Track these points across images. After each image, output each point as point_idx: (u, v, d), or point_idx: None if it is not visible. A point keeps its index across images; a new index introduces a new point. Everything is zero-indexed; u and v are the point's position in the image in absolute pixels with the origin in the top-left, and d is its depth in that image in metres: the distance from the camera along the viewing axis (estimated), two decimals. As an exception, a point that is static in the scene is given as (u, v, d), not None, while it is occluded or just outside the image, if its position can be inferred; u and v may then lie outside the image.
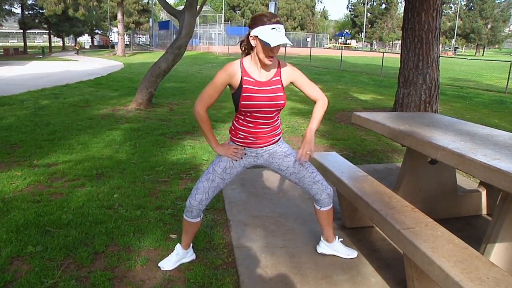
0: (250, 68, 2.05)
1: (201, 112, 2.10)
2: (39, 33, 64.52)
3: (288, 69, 2.12)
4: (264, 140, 2.15)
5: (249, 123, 2.11)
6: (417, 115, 3.18)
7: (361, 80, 14.61)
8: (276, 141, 2.22)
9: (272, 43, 1.87)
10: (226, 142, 2.24)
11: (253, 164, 2.26)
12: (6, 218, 2.88)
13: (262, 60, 1.97)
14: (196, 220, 2.27)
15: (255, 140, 2.14)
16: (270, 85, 2.05)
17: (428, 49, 6.36)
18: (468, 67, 24.16)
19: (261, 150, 2.19)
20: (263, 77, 2.05)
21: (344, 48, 47.75)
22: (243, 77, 2.02)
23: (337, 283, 2.24)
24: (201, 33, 40.96)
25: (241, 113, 2.10)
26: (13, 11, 33.29)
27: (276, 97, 2.05)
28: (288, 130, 6.06)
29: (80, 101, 8.20)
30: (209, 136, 2.16)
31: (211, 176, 2.18)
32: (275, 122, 2.16)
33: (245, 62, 2.05)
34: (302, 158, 2.15)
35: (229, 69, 2.04)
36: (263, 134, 2.14)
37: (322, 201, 2.33)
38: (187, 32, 7.50)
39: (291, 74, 2.13)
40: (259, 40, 1.92)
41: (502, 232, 2.11)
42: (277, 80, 2.07)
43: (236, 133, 2.16)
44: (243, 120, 2.12)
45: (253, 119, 2.09)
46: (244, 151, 2.18)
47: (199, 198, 2.18)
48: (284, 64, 2.12)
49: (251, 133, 2.12)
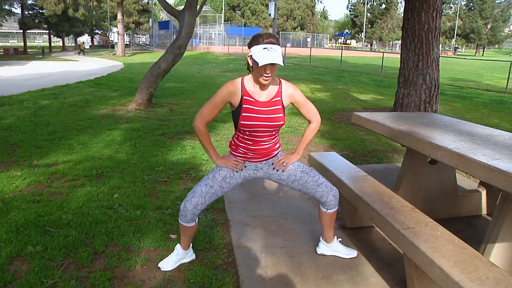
0: (251, 88, 2.05)
1: (200, 127, 2.12)
2: (39, 33, 64.55)
3: (289, 90, 2.13)
4: (264, 155, 2.19)
5: (248, 140, 2.13)
6: (417, 115, 3.18)
7: (361, 80, 14.62)
8: (276, 155, 2.25)
9: (260, 62, 1.88)
10: (226, 155, 2.26)
11: (253, 176, 2.28)
12: (6, 218, 2.88)
13: (258, 79, 1.98)
14: (190, 225, 2.27)
15: (254, 155, 2.17)
16: (270, 105, 2.06)
17: (428, 49, 6.36)
18: (468, 67, 24.17)
19: (261, 163, 2.22)
20: (264, 97, 2.06)
21: (344, 48, 47.76)
22: (244, 96, 2.03)
23: (337, 283, 2.24)
24: (201, 33, 40.97)
25: (240, 131, 2.12)
26: (13, 11, 33.30)
27: (275, 118, 2.07)
28: (288, 130, 6.06)
29: (80, 101, 8.20)
30: (209, 149, 2.19)
31: (211, 182, 2.19)
32: (274, 139, 2.19)
33: (246, 81, 2.06)
34: (276, 165, 2.23)
35: (230, 88, 2.05)
36: (262, 151, 2.17)
37: (328, 203, 2.33)
38: (187, 32, 7.50)
39: (292, 94, 2.14)
40: (252, 59, 1.95)
41: (502, 232, 2.11)
42: (278, 100, 2.08)
43: (236, 149, 2.19)
44: (242, 137, 2.14)
45: (252, 138, 2.12)
46: (244, 164, 2.20)
47: (195, 202, 2.18)
48: (286, 84, 2.13)
49: (250, 150, 2.15)
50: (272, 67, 1.94)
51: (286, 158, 2.26)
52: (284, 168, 2.25)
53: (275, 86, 2.09)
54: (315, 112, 2.25)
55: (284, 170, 2.25)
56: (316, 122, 2.27)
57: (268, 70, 1.93)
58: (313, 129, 2.28)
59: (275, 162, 2.24)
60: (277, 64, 1.92)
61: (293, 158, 2.28)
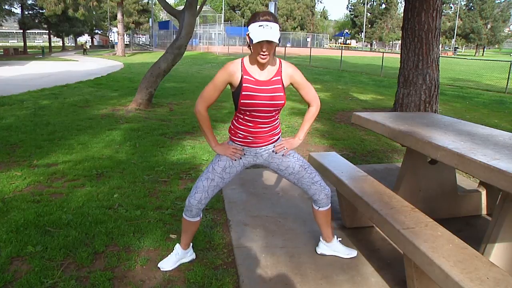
0: (251, 67, 2.05)
1: (201, 111, 2.12)
2: (39, 33, 64.55)
3: (289, 69, 2.12)
4: (263, 140, 2.16)
5: (248, 122, 2.11)
6: (417, 115, 3.18)
7: (361, 80, 14.62)
8: (275, 140, 2.23)
9: (255, 40, 1.88)
10: (225, 142, 2.24)
11: (253, 163, 2.26)
12: (6, 218, 2.88)
13: (256, 58, 1.98)
14: (195, 220, 2.27)
15: (254, 139, 2.15)
16: (270, 84, 2.05)
17: (428, 49, 6.36)
18: (468, 67, 24.17)
19: (260, 149, 2.19)
20: (264, 76, 2.06)
21: (344, 48, 47.77)
22: (243, 76, 2.03)
23: (337, 283, 2.24)
24: (201, 33, 40.95)
25: (240, 112, 2.11)
26: (13, 11, 33.30)
27: (276, 96, 2.06)
28: (288, 130, 6.06)
29: (80, 101, 8.20)
30: (209, 135, 2.18)
31: (211, 175, 2.18)
32: (274, 122, 2.17)
33: (246, 61, 2.06)
34: (277, 148, 2.22)
35: (230, 68, 2.05)
36: (262, 134, 2.14)
37: (320, 201, 2.33)
38: (187, 32, 7.50)
39: (292, 74, 2.13)
40: (249, 37, 1.95)
41: (502, 232, 2.11)
42: (278, 80, 2.07)
43: (236, 133, 2.17)
44: (242, 119, 2.12)
45: (253, 118, 2.10)
46: (243, 151, 2.18)
47: (199, 197, 2.18)
48: (286, 64, 2.13)
49: (250, 133, 2.13)
50: (268, 45, 1.92)
51: (287, 142, 2.25)
52: (285, 152, 2.23)
53: (275, 65, 2.08)
54: (314, 95, 2.23)
55: (284, 154, 2.24)
56: (316, 105, 2.25)
57: (264, 48, 1.92)
58: (313, 113, 2.26)
59: (276, 145, 2.22)
60: (274, 42, 1.91)
61: (294, 142, 2.27)
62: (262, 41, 1.89)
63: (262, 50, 1.93)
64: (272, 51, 1.96)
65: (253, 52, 1.98)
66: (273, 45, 1.94)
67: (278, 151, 2.23)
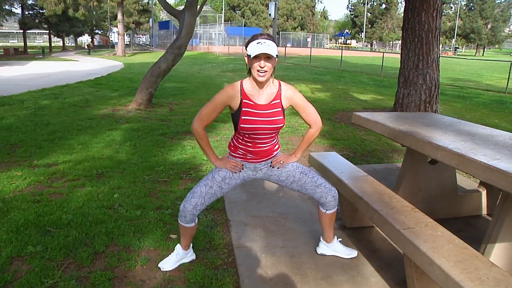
0: (250, 91, 2.05)
1: (199, 129, 2.12)
2: (39, 33, 64.54)
3: (289, 92, 2.12)
4: (262, 156, 2.19)
5: (248, 142, 2.14)
6: (417, 115, 3.18)
7: (361, 80, 14.61)
8: (275, 155, 2.25)
9: (253, 54, 1.89)
10: (225, 156, 2.27)
11: (252, 177, 2.28)
12: (6, 218, 2.88)
13: (255, 76, 1.97)
14: (190, 225, 2.27)
15: (253, 156, 2.18)
16: (270, 108, 2.06)
17: (428, 49, 6.36)
18: (468, 67, 24.16)
19: (260, 164, 2.22)
20: (263, 100, 2.06)
21: (344, 48, 47.76)
22: (243, 100, 2.03)
23: (337, 283, 2.24)
24: (201, 33, 40.95)
25: (240, 133, 2.12)
26: (13, 11, 33.30)
27: (275, 120, 2.07)
28: (288, 130, 6.06)
29: (80, 101, 8.21)
30: (208, 151, 2.19)
31: (210, 182, 2.19)
32: (273, 140, 2.20)
33: (245, 84, 2.06)
34: (274, 163, 2.24)
35: (229, 91, 2.05)
36: (261, 152, 2.17)
37: (327, 204, 2.33)
38: (187, 32, 7.50)
39: (292, 97, 2.13)
40: (248, 57, 1.96)
41: (502, 232, 2.11)
42: (277, 103, 2.08)
43: (235, 150, 2.20)
44: (242, 139, 2.15)
45: (252, 140, 2.12)
46: (242, 166, 2.21)
47: (194, 202, 2.18)
48: (286, 87, 2.13)
49: (250, 152, 2.16)
50: (267, 61, 1.92)
51: (283, 157, 2.26)
52: (280, 166, 2.24)
53: (274, 88, 2.09)
54: (315, 117, 2.21)
55: (279, 168, 2.25)
56: (316, 128, 2.23)
57: (262, 64, 1.92)
58: (312, 135, 2.26)
59: (273, 160, 2.24)
60: (272, 57, 1.91)
61: (291, 159, 2.28)
62: (260, 54, 1.90)
63: (260, 66, 1.92)
64: (270, 69, 1.96)
65: (252, 70, 1.97)
66: (271, 62, 1.94)
67: (275, 165, 2.24)
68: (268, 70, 1.95)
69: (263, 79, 1.96)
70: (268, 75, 1.97)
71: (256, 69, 1.94)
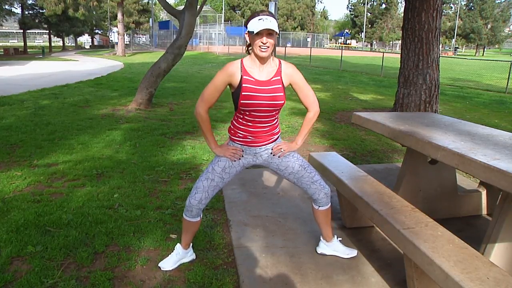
0: (250, 67, 2.05)
1: (202, 112, 2.12)
2: (39, 33, 64.53)
3: (289, 69, 2.12)
4: (263, 139, 2.17)
5: (248, 122, 2.12)
6: (417, 115, 3.18)
7: (361, 80, 14.61)
8: (275, 140, 2.23)
9: (255, 30, 1.90)
10: (225, 143, 2.25)
11: (252, 163, 2.27)
12: (6, 218, 2.88)
13: (257, 52, 1.98)
14: (196, 220, 2.27)
15: (254, 139, 2.15)
16: (270, 84, 2.06)
17: (428, 49, 6.36)
18: (468, 67, 24.16)
19: (260, 149, 2.20)
20: (263, 76, 2.06)
21: (344, 48, 47.76)
22: (243, 76, 2.03)
23: (337, 283, 2.24)
24: (201, 33, 40.93)
25: (240, 112, 2.11)
26: (13, 11, 33.28)
27: (276, 96, 2.06)
28: (288, 130, 6.06)
29: (80, 101, 8.20)
30: (208, 136, 2.18)
31: (211, 175, 2.19)
32: (274, 121, 2.18)
33: (246, 62, 2.07)
34: (274, 150, 2.22)
35: (229, 69, 2.05)
36: (262, 133, 2.15)
37: (320, 201, 2.34)
38: (187, 32, 7.50)
39: (292, 75, 2.13)
40: (249, 34, 1.96)
41: (502, 232, 2.11)
42: (278, 80, 2.07)
43: (235, 132, 2.17)
44: (242, 119, 2.13)
45: (252, 118, 2.10)
46: (242, 153, 2.19)
47: (199, 197, 2.19)
48: (286, 64, 2.13)
49: (250, 132, 2.14)
50: (269, 38, 1.94)
51: (285, 145, 2.25)
52: (281, 154, 2.23)
53: (274, 66, 2.09)
54: (313, 99, 2.21)
55: (280, 156, 2.24)
56: (314, 111, 2.23)
57: (265, 40, 1.94)
58: (310, 119, 2.25)
59: (273, 147, 2.23)
60: (274, 31, 1.93)
61: (292, 146, 2.26)
62: (262, 30, 1.91)
63: (263, 42, 1.94)
64: (272, 45, 1.97)
65: (253, 46, 1.98)
66: (273, 38, 1.95)
67: (276, 153, 2.23)
68: (270, 46, 1.96)
69: (265, 55, 1.97)
70: (270, 51, 1.99)
71: (258, 45, 1.95)
